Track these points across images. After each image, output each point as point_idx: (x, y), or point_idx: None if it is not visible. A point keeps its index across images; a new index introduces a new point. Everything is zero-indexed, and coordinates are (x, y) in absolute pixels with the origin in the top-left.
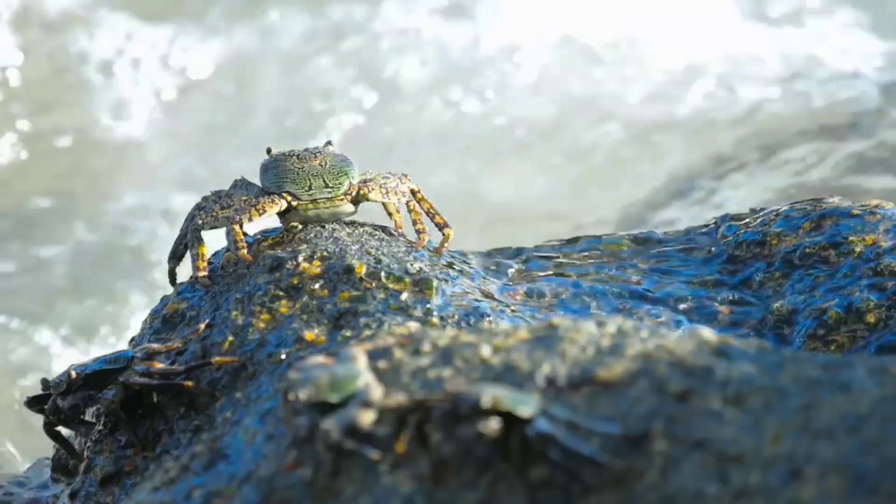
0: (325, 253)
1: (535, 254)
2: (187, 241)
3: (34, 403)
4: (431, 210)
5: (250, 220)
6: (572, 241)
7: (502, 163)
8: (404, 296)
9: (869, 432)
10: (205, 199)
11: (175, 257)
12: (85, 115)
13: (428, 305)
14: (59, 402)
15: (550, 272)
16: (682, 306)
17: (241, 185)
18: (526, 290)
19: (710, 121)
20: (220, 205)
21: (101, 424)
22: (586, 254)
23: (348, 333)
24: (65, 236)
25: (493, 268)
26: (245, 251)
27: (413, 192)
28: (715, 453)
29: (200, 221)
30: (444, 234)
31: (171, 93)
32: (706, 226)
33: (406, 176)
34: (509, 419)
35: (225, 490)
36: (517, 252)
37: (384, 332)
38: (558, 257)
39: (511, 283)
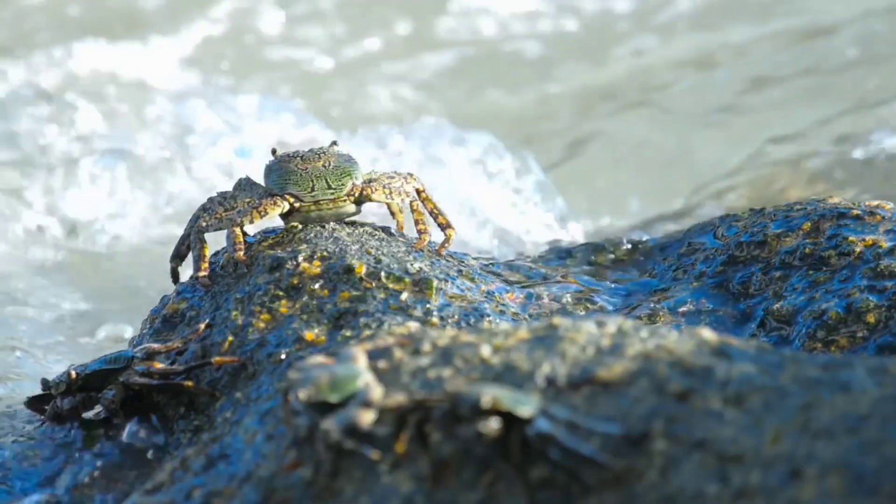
0: (325, 253)
1: (534, 260)
2: (190, 242)
3: (35, 403)
4: (435, 210)
5: (251, 222)
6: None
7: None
8: (404, 296)
9: (869, 432)
10: (210, 200)
11: (177, 257)
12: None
13: (428, 305)
14: (58, 402)
15: (551, 279)
16: (682, 309)
17: (246, 184)
18: (526, 294)
19: None
20: (224, 206)
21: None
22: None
23: (348, 333)
24: None
25: (493, 269)
26: (241, 253)
27: (418, 192)
28: (715, 453)
29: (204, 223)
30: (445, 234)
31: None
32: (708, 225)
33: (412, 175)
34: (509, 419)
35: (225, 490)
36: (520, 257)
37: (384, 332)
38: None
39: (511, 285)
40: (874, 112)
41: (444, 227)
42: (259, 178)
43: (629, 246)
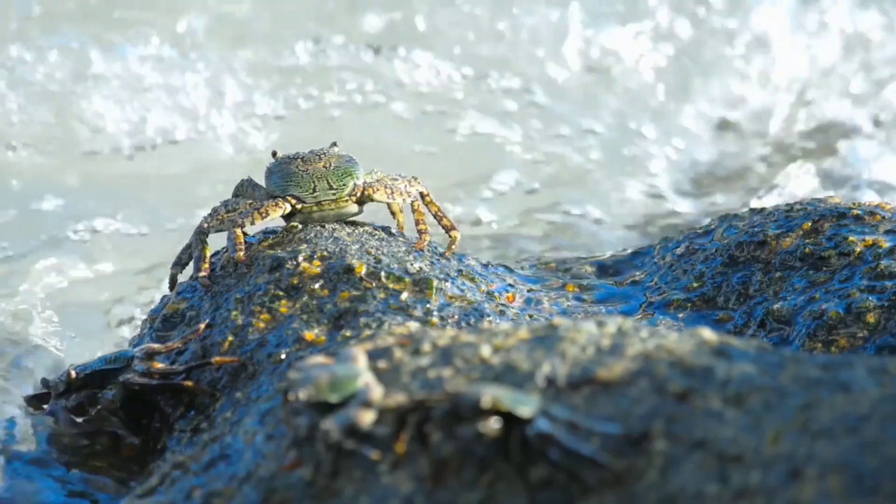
0: (325, 253)
1: (536, 263)
2: (192, 251)
3: (34, 402)
4: (439, 213)
5: (253, 223)
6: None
7: None
8: (404, 296)
9: (869, 432)
10: (214, 209)
11: (179, 264)
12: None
13: (428, 305)
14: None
15: (551, 280)
16: (681, 315)
17: (248, 185)
18: (526, 298)
19: None
20: (227, 209)
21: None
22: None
23: (348, 333)
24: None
25: (494, 269)
26: (242, 253)
27: (422, 195)
28: (715, 453)
29: (206, 225)
30: (451, 237)
31: None
32: (707, 226)
33: (416, 179)
34: (509, 419)
35: (225, 490)
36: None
37: (384, 331)
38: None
39: (511, 286)
40: None
41: (449, 229)
42: (260, 179)
43: (630, 248)
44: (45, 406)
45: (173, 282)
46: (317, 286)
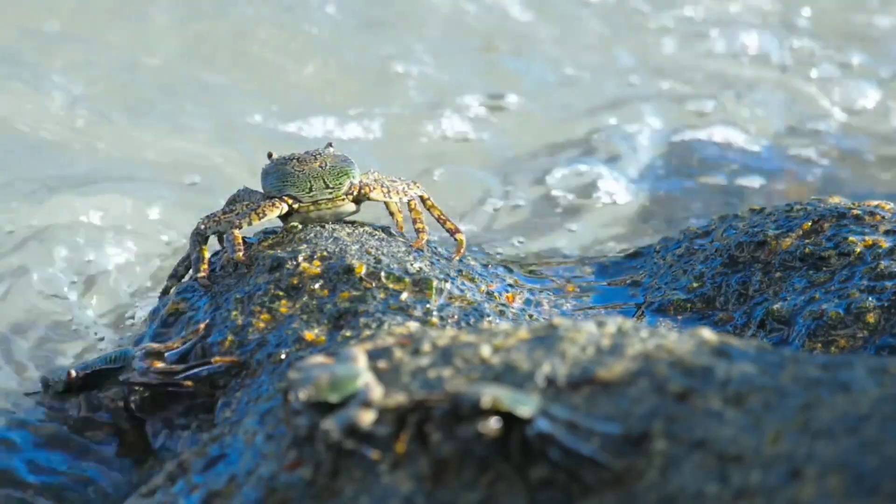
0: (325, 253)
1: (535, 262)
2: (189, 263)
3: (43, 398)
4: (441, 217)
5: (250, 224)
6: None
7: None
8: (404, 296)
9: (869, 432)
10: (212, 213)
11: (175, 276)
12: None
13: (428, 305)
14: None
15: (551, 281)
16: (680, 316)
17: (244, 194)
18: (525, 299)
19: None
20: (223, 210)
21: None
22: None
23: (348, 333)
24: None
25: (494, 269)
26: (241, 254)
27: (423, 199)
28: (715, 453)
29: (203, 226)
30: (457, 240)
31: None
32: (707, 226)
33: (415, 183)
34: (509, 419)
35: (225, 490)
36: (518, 259)
37: (384, 332)
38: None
39: (511, 286)
40: None
41: (453, 232)
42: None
43: (630, 248)
44: (45, 403)
45: (166, 293)
46: (317, 286)
